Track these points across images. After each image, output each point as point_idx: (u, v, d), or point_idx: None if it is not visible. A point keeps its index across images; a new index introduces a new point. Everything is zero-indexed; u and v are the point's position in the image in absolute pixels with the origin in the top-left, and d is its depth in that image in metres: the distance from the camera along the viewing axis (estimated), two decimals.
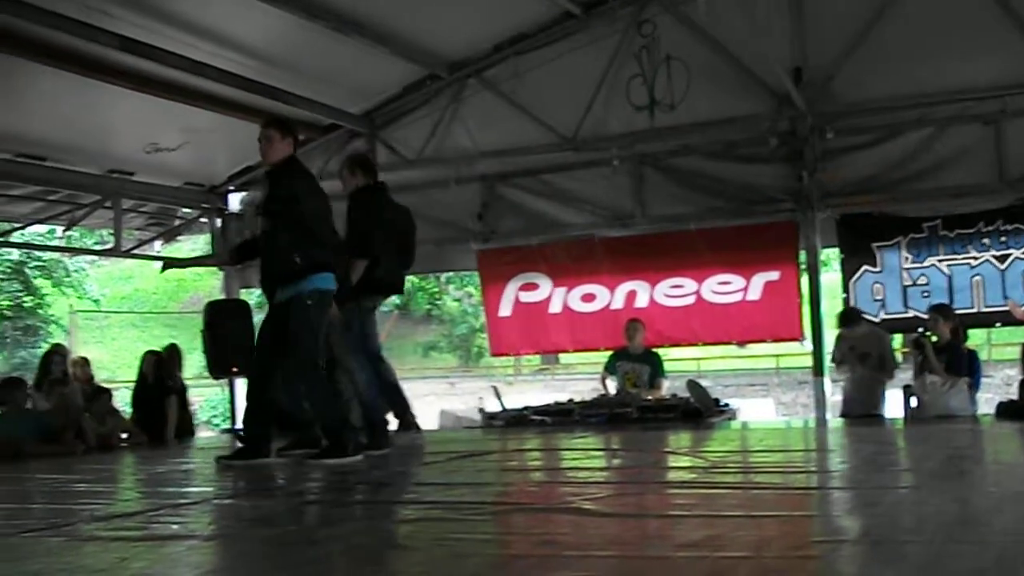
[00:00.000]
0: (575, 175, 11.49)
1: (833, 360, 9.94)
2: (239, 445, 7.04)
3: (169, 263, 8.49)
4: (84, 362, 11.09)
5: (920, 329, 9.44)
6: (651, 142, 10.93)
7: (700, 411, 9.45)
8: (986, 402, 10.33)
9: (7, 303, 39.26)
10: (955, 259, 10.16)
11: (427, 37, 10.79)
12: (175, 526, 4.34)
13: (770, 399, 27.29)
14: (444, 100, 11.58)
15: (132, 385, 11.20)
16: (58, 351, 11.17)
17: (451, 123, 11.55)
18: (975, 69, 9.70)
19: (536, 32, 11.03)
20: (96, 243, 28.42)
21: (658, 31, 10.63)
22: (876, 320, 10.35)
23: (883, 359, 9.63)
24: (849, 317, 9.91)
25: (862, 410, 9.50)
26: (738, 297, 11.11)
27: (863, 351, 9.59)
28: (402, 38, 10.47)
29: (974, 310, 10.04)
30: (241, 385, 13.02)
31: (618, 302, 11.56)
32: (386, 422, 7.54)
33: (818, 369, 10.36)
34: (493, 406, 10.40)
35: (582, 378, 28.01)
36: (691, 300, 11.32)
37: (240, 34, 9.87)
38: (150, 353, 10.98)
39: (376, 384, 7.41)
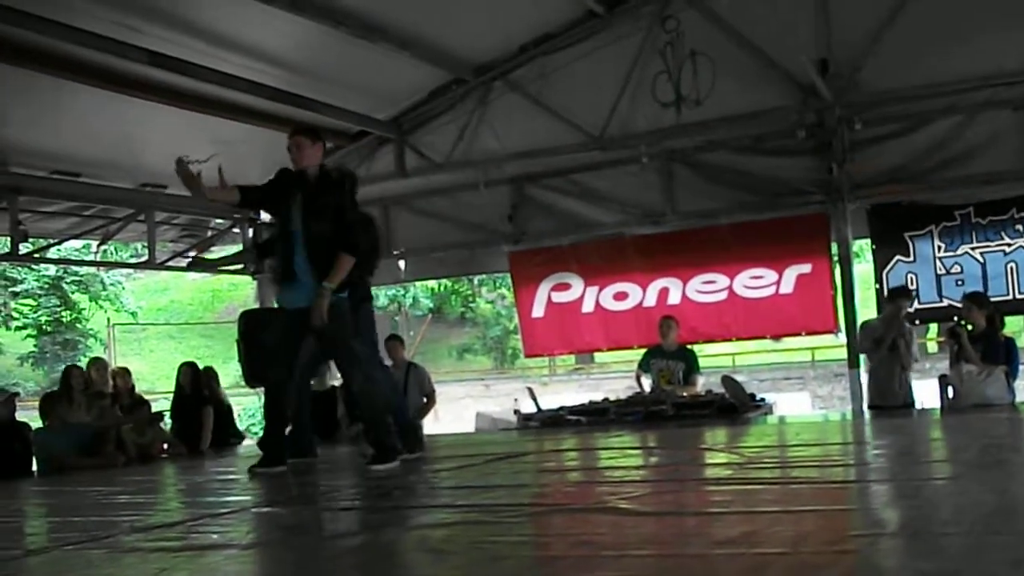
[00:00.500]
0: (604, 174, 11.50)
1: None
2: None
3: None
4: (125, 372, 11.16)
5: (955, 318, 9.36)
6: (678, 138, 10.92)
7: (736, 406, 9.42)
8: (1023, 390, 10.22)
9: (46, 318, 39.72)
10: (988, 246, 10.09)
11: (452, 41, 10.83)
12: (214, 536, 4.37)
13: (806, 392, 27.13)
14: (471, 103, 11.61)
15: (170, 396, 11.29)
16: (87, 366, 11.25)
17: (478, 126, 11.57)
18: (1003, 54, 9.60)
19: (560, 32, 11.04)
20: (131, 256, 28.68)
21: (682, 26, 10.60)
22: (910, 310, 10.29)
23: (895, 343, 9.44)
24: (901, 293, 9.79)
25: (886, 400, 9.36)
26: (771, 291, 11.09)
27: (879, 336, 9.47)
28: (427, 43, 10.51)
29: (1009, 297, 9.96)
30: None
31: (651, 300, 11.56)
32: (416, 425, 7.58)
33: (853, 361, 10.29)
34: (528, 407, 10.40)
35: (617, 377, 27.99)
36: (724, 295, 11.30)
37: (266, 44, 9.94)
38: (186, 365, 11.07)
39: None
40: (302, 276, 6.72)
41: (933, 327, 10.42)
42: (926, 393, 9.66)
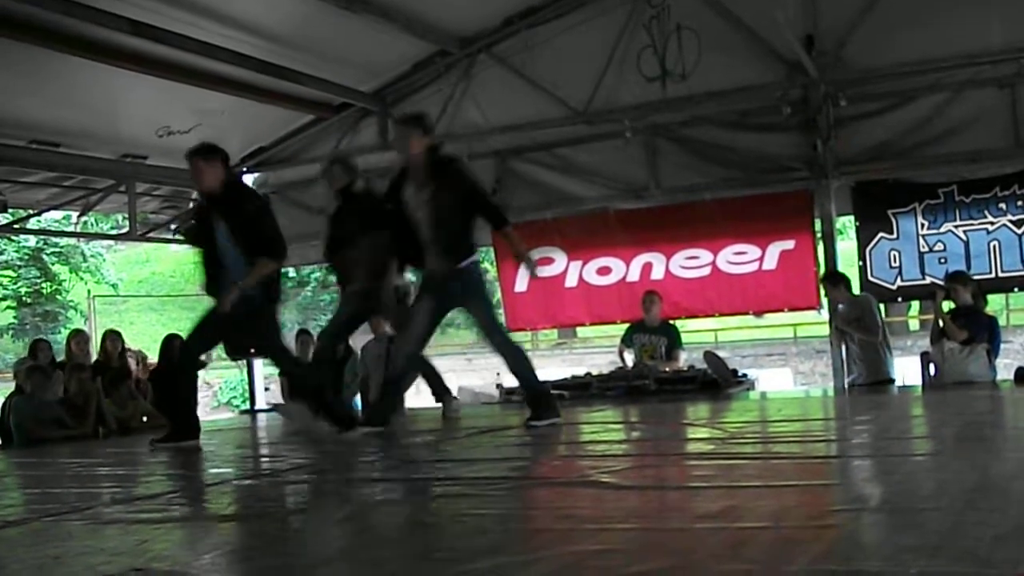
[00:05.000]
0: (588, 148, 11.46)
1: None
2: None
3: None
4: (115, 336, 11.05)
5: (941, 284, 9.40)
6: (663, 113, 10.88)
7: (718, 382, 9.45)
8: (1005, 368, 10.27)
9: (26, 290, 39.54)
10: (972, 224, 10.10)
11: (437, 13, 10.75)
12: (194, 507, 4.36)
13: (788, 369, 27.24)
14: (455, 76, 11.53)
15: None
16: (67, 338, 11.18)
17: (462, 99, 11.50)
18: (989, 32, 9.58)
19: (546, 5, 10.96)
20: (112, 228, 28.53)
21: (668, 1, 10.56)
22: (893, 287, 10.33)
23: (861, 321, 9.52)
24: (831, 277, 9.92)
25: (866, 378, 9.45)
26: (754, 267, 11.08)
27: (851, 316, 9.58)
28: (411, 14, 10.43)
29: (992, 275, 9.98)
30: (258, 365, 13.09)
31: (634, 274, 11.54)
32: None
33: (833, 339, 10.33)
34: (511, 382, 10.39)
35: (599, 351, 28.06)
36: (707, 271, 11.29)
37: (249, 15, 9.85)
38: (172, 337, 11.01)
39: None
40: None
41: (915, 305, 10.43)
42: (908, 370, 9.70)
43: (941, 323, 9.10)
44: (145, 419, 10.00)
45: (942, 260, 10.13)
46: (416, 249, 7.17)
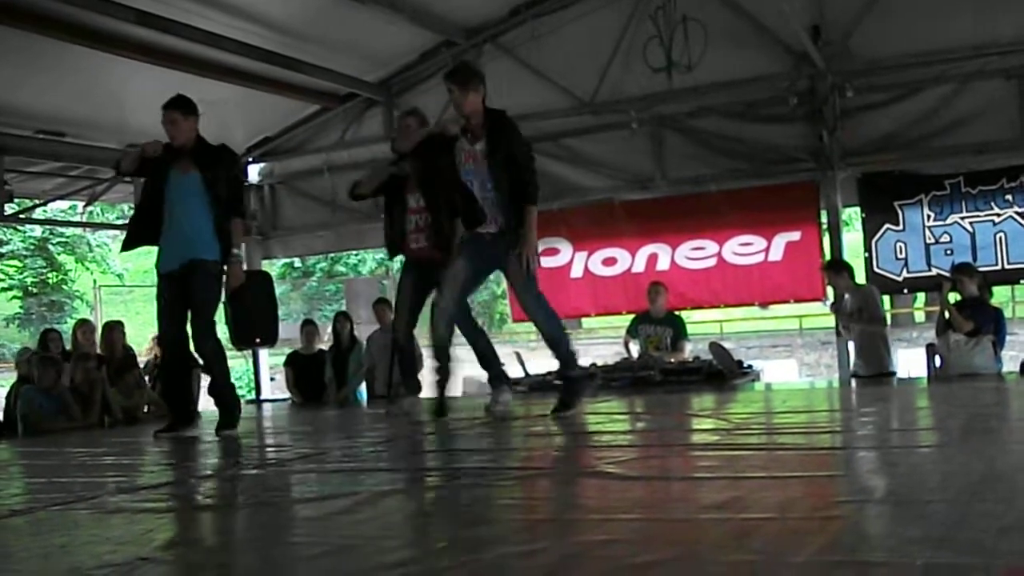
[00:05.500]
0: (594, 139, 11.45)
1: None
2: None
3: None
4: (118, 327, 11.06)
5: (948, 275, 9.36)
6: (669, 104, 10.88)
7: (723, 373, 9.43)
8: (1011, 360, 10.25)
9: (32, 280, 39.59)
10: (978, 216, 10.08)
11: (443, 3, 10.75)
12: (200, 497, 4.37)
13: (793, 360, 27.19)
14: None
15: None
16: (73, 328, 11.19)
17: None
18: (997, 22, 9.57)
19: None
20: (118, 217, 28.57)
21: None
22: (899, 279, 10.32)
23: (863, 312, 9.49)
24: (834, 265, 9.90)
25: (867, 370, 9.42)
26: (760, 258, 11.08)
27: (852, 307, 9.55)
28: (417, 4, 10.43)
29: (998, 267, 9.97)
30: (264, 355, 13.10)
31: (639, 265, 11.55)
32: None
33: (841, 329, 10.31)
34: (516, 372, 10.39)
35: (604, 342, 27.98)
36: (712, 262, 11.29)
37: (255, 5, 9.85)
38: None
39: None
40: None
41: (921, 296, 10.41)
42: (913, 362, 9.67)
43: (947, 314, 9.08)
44: (148, 409, 10.02)
45: (948, 252, 10.12)
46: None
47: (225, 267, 7.03)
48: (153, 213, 7.05)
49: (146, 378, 10.60)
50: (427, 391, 7.93)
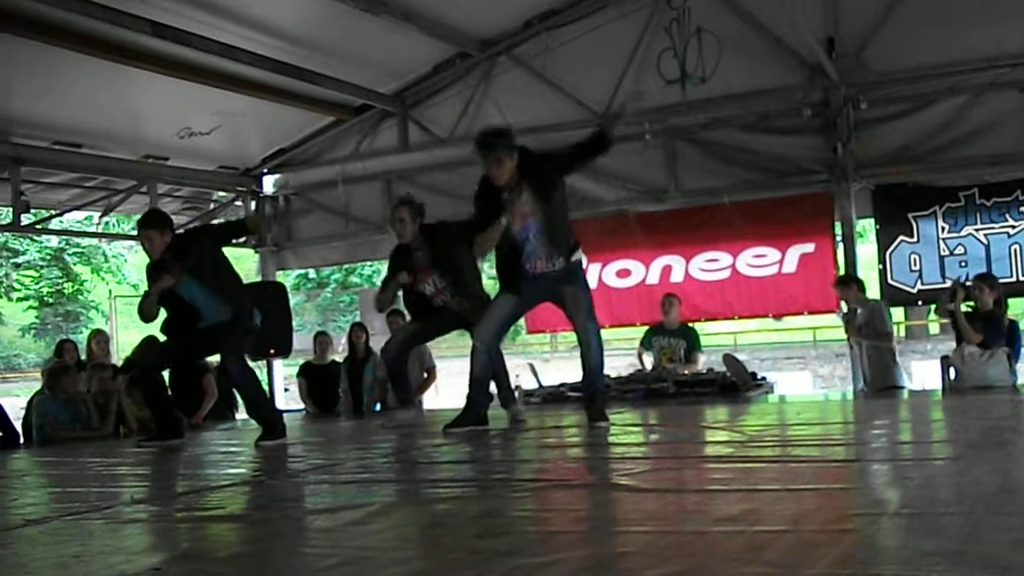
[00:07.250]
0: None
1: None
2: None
3: None
4: (102, 336, 11.16)
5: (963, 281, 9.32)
6: (683, 115, 10.87)
7: (737, 385, 9.41)
8: None
9: (48, 290, 39.75)
10: (992, 228, 10.06)
11: (457, 15, 10.78)
12: (214, 507, 4.38)
13: (807, 372, 27.13)
14: (475, 78, 11.56)
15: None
16: (88, 338, 11.24)
17: (482, 101, 11.53)
18: (1010, 35, 9.55)
19: (566, 8, 10.99)
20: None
21: (688, 3, 10.58)
22: (913, 291, 10.30)
23: (870, 326, 9.47)
24: (842, 279, 9.89)
25: (875, 384, 9.39)
26: (773, 270, 11.06)
27: (860, 321, 9.54)
28: (432, 16, 10.46)
29: (1013, 279, 9.94)
30: (278, 366, 13.12)
31: (653, 277, 11.54)
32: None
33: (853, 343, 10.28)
34: (530, 383, 10.39)
35: (618, 354, 27.86)
36: (726, 274, 11.28)
37: (270, 16, 9.89)
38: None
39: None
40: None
41: (934, 308, 10.34)
42: (928, 374, 9.63)
43: (955, 320, 8.99)
44: None
45: (963, 263, 10.09)
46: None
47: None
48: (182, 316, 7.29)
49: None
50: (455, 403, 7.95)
